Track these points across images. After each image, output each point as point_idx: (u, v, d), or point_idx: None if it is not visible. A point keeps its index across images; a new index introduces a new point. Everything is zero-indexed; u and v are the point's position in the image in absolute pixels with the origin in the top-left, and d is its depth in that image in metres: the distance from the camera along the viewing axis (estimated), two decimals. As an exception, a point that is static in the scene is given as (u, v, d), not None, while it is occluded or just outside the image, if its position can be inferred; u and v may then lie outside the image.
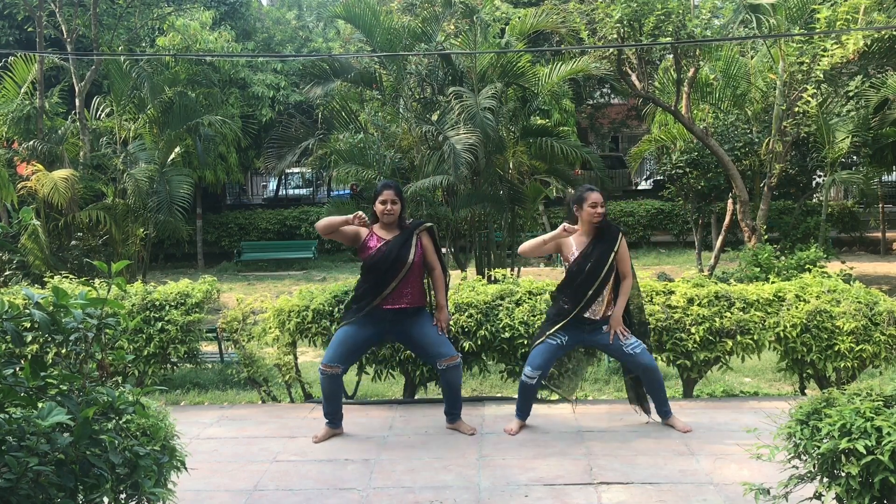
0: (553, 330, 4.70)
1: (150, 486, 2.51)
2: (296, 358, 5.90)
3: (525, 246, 4.79)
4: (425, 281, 4.89)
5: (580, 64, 10.91)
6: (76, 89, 13.32)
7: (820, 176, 14.09)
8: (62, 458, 2.17)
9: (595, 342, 4.84)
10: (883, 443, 2.56)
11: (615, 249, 4.68)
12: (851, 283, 5.78)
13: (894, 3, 10.68)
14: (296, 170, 25.78)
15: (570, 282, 4.71)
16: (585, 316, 4.68)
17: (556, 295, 4.84)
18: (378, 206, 4.79)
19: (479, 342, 5.42)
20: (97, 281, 4.87)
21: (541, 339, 4.74)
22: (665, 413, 4.88)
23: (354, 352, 4.83)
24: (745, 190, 11.63)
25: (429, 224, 4.95)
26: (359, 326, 4.76)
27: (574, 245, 4.74)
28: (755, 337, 5.41)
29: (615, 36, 10.75)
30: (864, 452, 2.57)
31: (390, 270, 4.70)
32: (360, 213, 4.61)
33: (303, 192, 27.55)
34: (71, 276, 6.55)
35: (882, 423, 2.61)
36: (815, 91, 11.05)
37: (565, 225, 4.63)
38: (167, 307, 5.81)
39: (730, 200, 11.82)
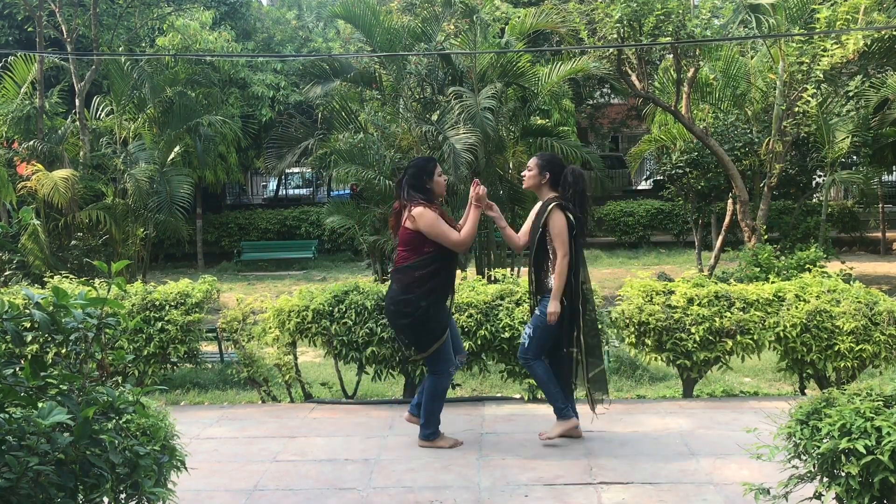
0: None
1: (150, 486, 2.51)
2: (296, 358, 5.90)
3: None
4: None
5: (580, 64, 10.91)
6: (76, 89, 13.30)
7: (820, 176, 14.10)
8: (62, 458, 2.17)
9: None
10: (883, 443, 2.56)
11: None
12: (851, 283, 5.78)
13: (894, 3, 10.68)
14: (296, 170, 25.76)
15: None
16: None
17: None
18: (440, 180, 4.54)
19: (479, 342, 5.41)
20: (97, 281, 4.87)
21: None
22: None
23: None
24: (745, 190, 11.63)
25: None
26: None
27: None
28: (755, 337, 5.41)
29: (615, 36, 10.75)
30: (864, 452, 2.57)
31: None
32: (478, 184, 4.44)
33: (303, 192, 27.53)
34: (71, 276, 6.55)
35: (882, 423, 2.61)
36: (815, 91, 11.04)
37: None
38: (167, 307, 5.82)
39: (730, 200, 11.81)
